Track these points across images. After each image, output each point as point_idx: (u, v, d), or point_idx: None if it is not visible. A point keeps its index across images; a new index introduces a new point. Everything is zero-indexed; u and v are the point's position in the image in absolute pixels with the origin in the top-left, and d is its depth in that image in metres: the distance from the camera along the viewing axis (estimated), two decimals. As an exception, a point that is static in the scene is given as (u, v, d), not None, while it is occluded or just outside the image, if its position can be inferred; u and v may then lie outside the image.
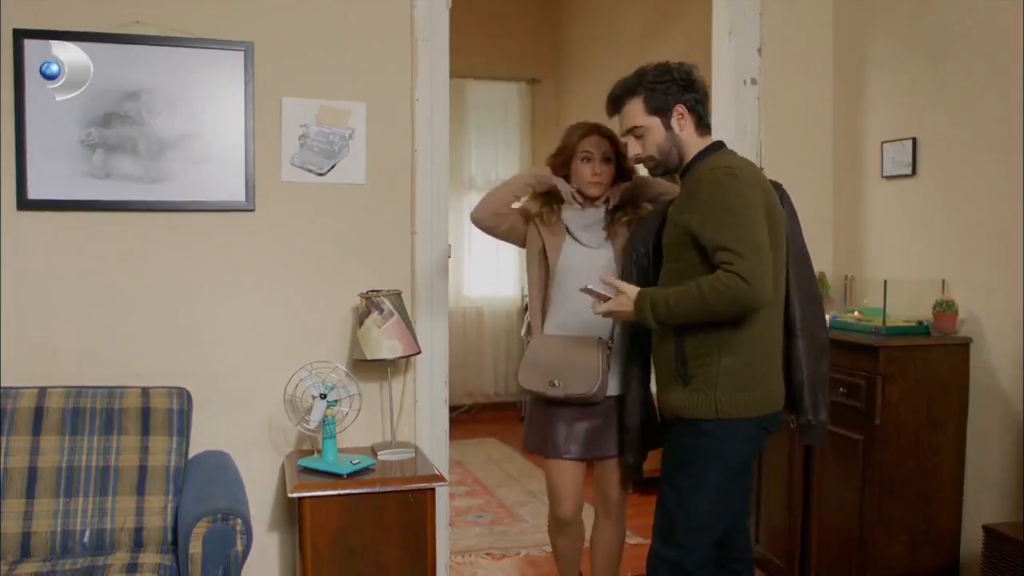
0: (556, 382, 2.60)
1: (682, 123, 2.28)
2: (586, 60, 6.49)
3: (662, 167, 2.34)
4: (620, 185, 2.71)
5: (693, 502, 2.23)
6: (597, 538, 2.84)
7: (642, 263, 2.48)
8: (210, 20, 2.95)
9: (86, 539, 2.56)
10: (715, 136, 2.36)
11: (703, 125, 2.31)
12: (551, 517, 2.86)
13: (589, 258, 2.68)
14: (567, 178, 2.72)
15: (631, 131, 2.34)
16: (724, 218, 2.10)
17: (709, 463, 2.22)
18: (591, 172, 2.66)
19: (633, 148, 2.36)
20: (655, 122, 2.29)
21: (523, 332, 2.81)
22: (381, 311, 2.92)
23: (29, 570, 2.38)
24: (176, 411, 2.75)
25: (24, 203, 2.81)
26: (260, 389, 2.99)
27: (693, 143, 2.30)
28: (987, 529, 2.67)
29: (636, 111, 2.31)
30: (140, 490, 2.63)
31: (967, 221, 3.05)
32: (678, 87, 2.27)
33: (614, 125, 2.50)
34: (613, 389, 2.65)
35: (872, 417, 2.92)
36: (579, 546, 2.89)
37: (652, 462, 3.74)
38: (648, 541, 3.99)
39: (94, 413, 2.67)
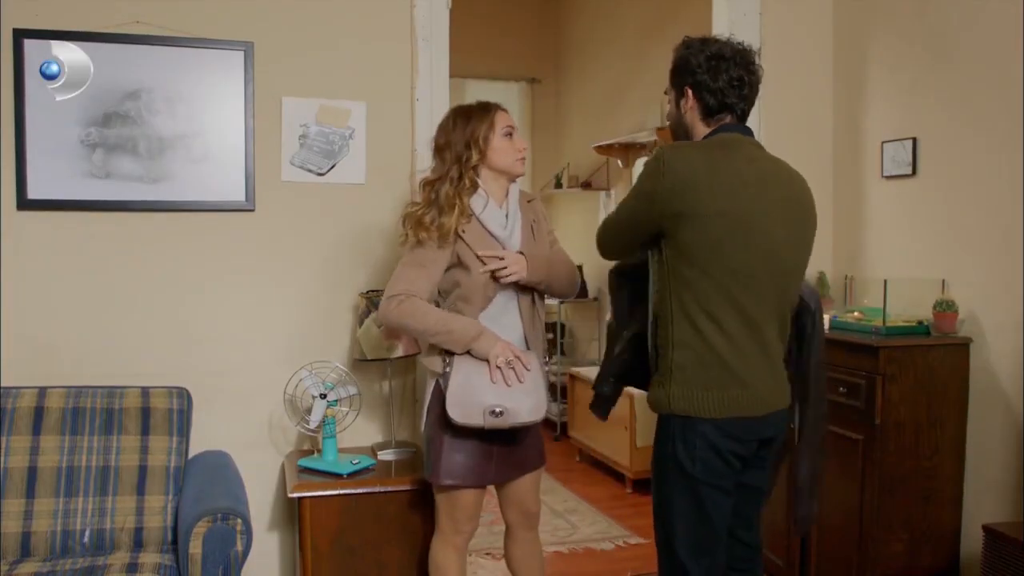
0: (500, 410, 2.32)
1: (685, 107, 2.17)
2: (586, 60, 6.49)
3: (674, 136, 2.27)
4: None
5: (668, 510, 2.13)
6: (523, 551, 2.67)
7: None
8: (210, 20, 2.95)
9: (86, 539, 2.56)
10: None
11: (711, 116, 2.15)
12: (447, 541, 2.54)
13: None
14: (476, 170, 2.44)
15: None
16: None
17: (671, 463, 2.11)
18: (521, 147, 2.49)
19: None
20: (672, 94, 2.21)
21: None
22: (381, 311, 2.92)
23: (29, 570, 2.38)
24: (176, 411, 2.75)
25: (24, 203, 2.81)
26: (260, 389, 2.99)
27: (699, 131, 2.17)
28: (987, 529, 2.67)
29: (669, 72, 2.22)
30: (140, 490, 2.63)
31: (967, 221, 3.04)
32: (691, 69, 2.12)
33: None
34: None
35: (872, 417, 2.92)
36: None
37: (648, 463, 3.72)
38: (647, 540, 4.02)
39: (94, 413, 2.67)
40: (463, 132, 2.45)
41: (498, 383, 2.35)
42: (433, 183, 2.47)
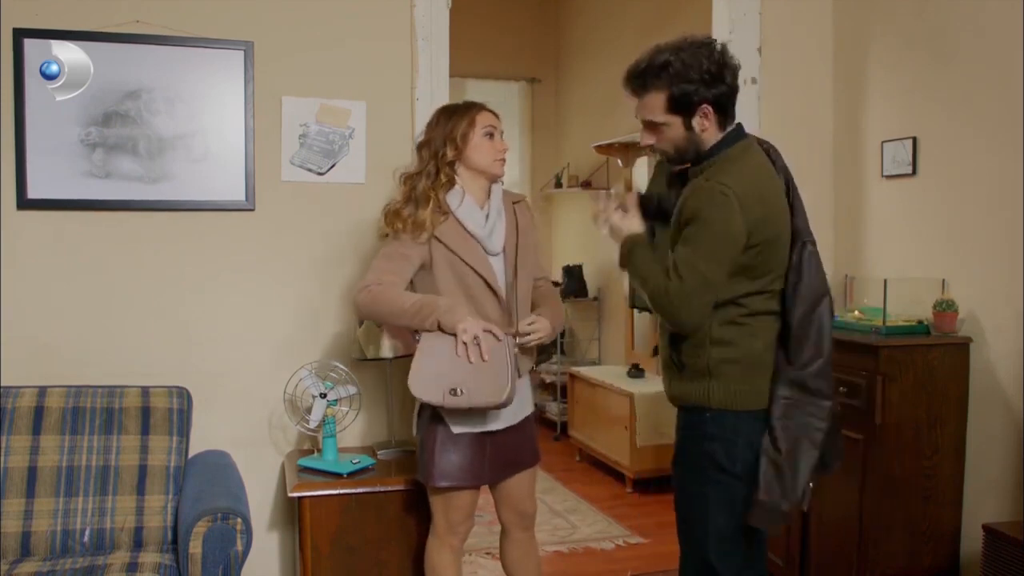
0: (459, 390, 2.29)
1: (705, 123, 2.09)
2: (586, 60, 6.49)
3: (678, 160, 2.19)
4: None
5: (701, 510, 2.15)
6: (519, 553, 2.67)
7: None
8: (210, 20, 2.95)
9: (86, 538, 2.56)
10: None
11: (728, 118, 2.13)
12: (442, 542, 2.54)
13: (495, 266, 2.49)
14: (452, 166, 2.45)
15: (647, 123, 2.15)
16: (695, 233, 2.04)
17: (707, 462, 2.13)
18: (501, 148, 2.48)
19: (646, 138, 2.18)
20: (676, 121, 2.10)
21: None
22: (381, 311, 2.92)
23: (29, 569, 2.38)
24: (176, 411, 2.75)
25: (24, 203, 2.81)
26: (260, 389, 2.99)
27: (713, 139, 2.12)
28: (987, 529, 2.67)
29: (656, 105, 2.10)
30: (140, 490, 2.63)
31: (967, 221, 3.04)
32: (706, 84, 2.05)
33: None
34: (524, 399, 2.52)
35: (872, 417, 2.92)
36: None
37: (649, 463, 3.67)
38: (647, 540, 4.02)
39: (94, 413, 2.67)
40: (443, 128, 2.47)
41: (461, 359, 2.29)
42: (411, 178, 2.49)
